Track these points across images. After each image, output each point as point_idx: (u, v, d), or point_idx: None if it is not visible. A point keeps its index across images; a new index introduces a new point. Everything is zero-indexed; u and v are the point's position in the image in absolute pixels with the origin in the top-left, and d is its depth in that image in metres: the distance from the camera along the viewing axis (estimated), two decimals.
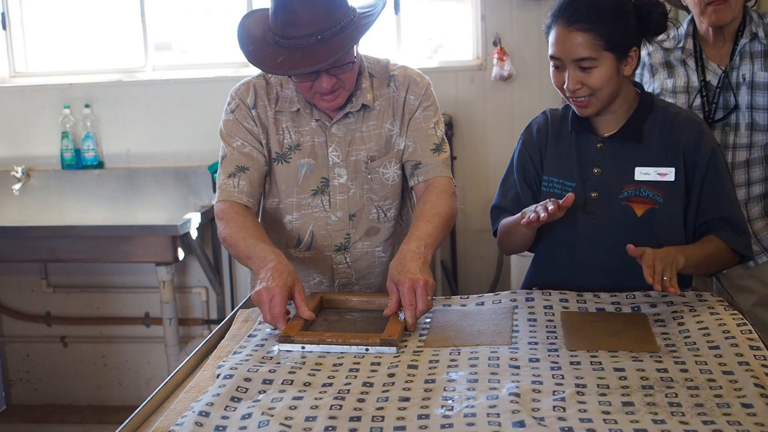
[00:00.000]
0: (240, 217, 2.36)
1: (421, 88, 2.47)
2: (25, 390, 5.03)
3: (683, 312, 2.09)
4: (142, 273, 4.67)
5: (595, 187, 2.31)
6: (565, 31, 2.18)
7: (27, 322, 4.91)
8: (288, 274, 2.13)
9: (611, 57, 2.18)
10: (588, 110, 2.26)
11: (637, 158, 2.28)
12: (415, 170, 2.45)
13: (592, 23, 2.16)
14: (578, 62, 2.18)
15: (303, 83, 2.31)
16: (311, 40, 2.18)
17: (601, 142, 2.31)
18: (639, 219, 2.27)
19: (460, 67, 4.48)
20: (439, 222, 2.32)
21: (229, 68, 4.67)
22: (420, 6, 4.65)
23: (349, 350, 1.96)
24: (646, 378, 1.73)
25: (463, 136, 4.43)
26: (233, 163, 2.42)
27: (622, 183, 2.29)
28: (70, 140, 4.66)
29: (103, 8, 4.85)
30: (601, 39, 2.16)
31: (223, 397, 1.71)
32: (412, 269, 2.12)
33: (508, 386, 1.70)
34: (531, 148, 2.42)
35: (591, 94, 2.22)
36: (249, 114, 2.44)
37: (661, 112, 2.32)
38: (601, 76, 2.19)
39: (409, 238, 2.27)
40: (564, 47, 2.19)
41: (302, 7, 2.17)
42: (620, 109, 2.30)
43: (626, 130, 2.30)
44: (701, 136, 2.27)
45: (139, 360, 4.91)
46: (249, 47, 2.29)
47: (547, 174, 2.38)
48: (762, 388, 1.64)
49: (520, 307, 2.19)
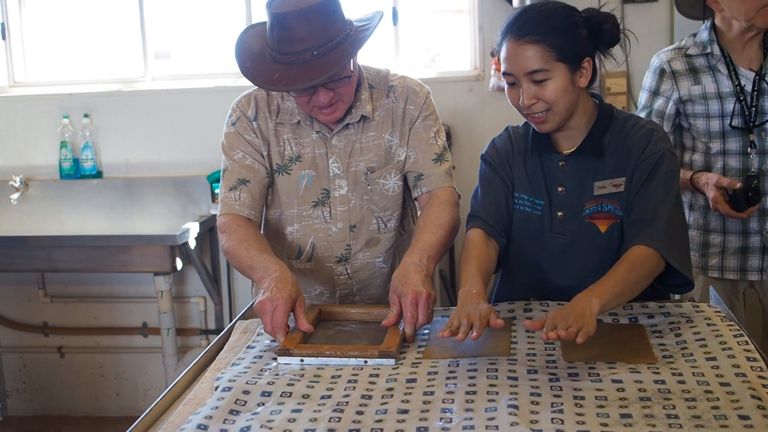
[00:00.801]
0: (242, 229, 2.36)
1: (421, 98, 2.48)
2: (22, 401, 5.02)
3: (680, 323, 2.09)
4: (140, 283, 4.67)
5: (560, 207, 2.27)
6: (515, 45, 2.14)
7: (24, 332, 4.91)
8: (292, 285, 2.13)
9: (564, 68, 2.14)
10: (547, 125, 2.21)
11: (596, 173, 2.24)
12: (418, 181, 2.47)
13: (542, 34, 2.12)
14: (531, 75, 2.14)
15: (301, 97, 2.32)
16: (307, 55, 2.19)
17: (562, 160, 2.27)
18: (604, 235, 2.24)
19: (458, 77, 4.49)
20: (442, 233, 2.33)
21: (228, 78, 4.67)
22: (418, 17, 4.66)
23: (347, 362, 1.96)
24: (644, 390, 1.73)
25: (461, 147, 4.44)
26: (234, 176, 2.43)
27: (584, 200, 2.25)
28: (69, 150, 4.66)
29: (103, 18, 4.86)
30: (551, 50, 2.12)
31: (221, 410, 1.71)
32: (415, 282, 2.13)
33: (506, 398, 1.70)
34: (500, 164, 2.35)
35: (547, 109, 2.17)
36: (250, 126, 2.45)
37: (619, 125, 2.26)
38: (555, 89, 2.14)
39: (411, 249, 2.28)
40: (515, 61, 2.15)
41: (298, 22, 2.18)
42: (579, 124, 2.25)
43: (586, 146, 2.25)
44: (649, 142, 2.20)
45: (137, 370, 4.90)
46: (246, 63, 2.30)
47: (518, 191, 2.33)
48: (759, 400, 1.64)
49: (519, 318, 2.20)
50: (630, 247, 2.11)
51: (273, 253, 2.30)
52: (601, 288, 1.99)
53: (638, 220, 2.17)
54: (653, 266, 2.10)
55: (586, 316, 1.88)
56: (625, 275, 2.04)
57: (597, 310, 1.91)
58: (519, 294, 2.36)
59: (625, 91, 4.30)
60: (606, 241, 2.24)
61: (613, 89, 4.30)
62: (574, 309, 1.90)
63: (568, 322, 1.85)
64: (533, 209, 2.30)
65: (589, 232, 2.25)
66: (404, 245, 2.54)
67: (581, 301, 1.93)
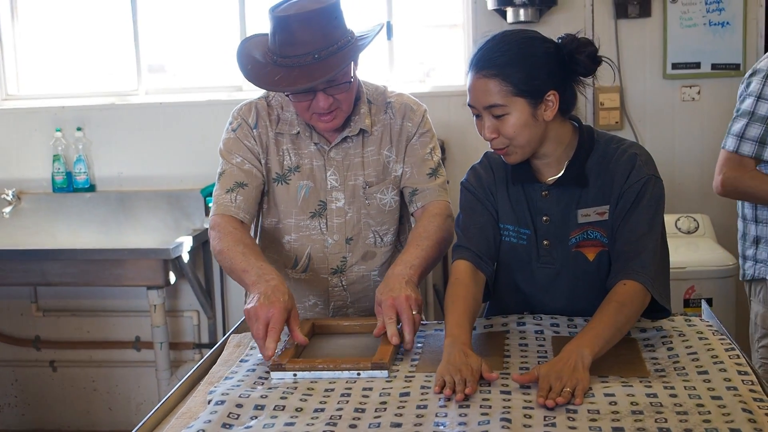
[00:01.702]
0: (237, 232, 2.36)
1: (418, 115, 2.50)
2: (14, 415, 4.99)
3: (672, 337, 2.10)
4: (133, 297, 4.66)
5: (545, 236, 2.24)
6: (475, 77, 2.10)
7: (16, 346, 4.89)
8: (288, 296, 2.12)
9: (524, 102, 2.06)
10: (511, 158, 2.16)
11: (579, 201, 2.20)
12: (413, 197, 2.49)
13: (499, 68, 2.06)
14: (489, 110, 2.08)
15: (301, 103, 2.33)
16: (308, 58, 2.23)
17: (545, 190, 2.23)
18: (592, 264, 2.20)
19: (452, 91, 4.49)
20: (428, 244, 2.34)
21: (222, 92, 4.69)
22: (412, 31, 4.68)
23: (340, 375, 1.96)
24: (636, 403, 1.73)
25: (455, 161, 4.45)
26: (232, 179, 2.43)
27: (569, 229, 2.21)
28: (62, 163, 4.66)
29: (96, 31, 4.88)
30: (508, 84, 2.05)
31: (214, 423, 1.71)
32: (394, 288, 2.16)
33: (499, 412, 1.70)
34: (483, 194, 2.30)
35: (508, 144, 2.12)
36: (250, 133, 2.47)
37: (601, 148, 2.20)
38: (514, 124, 2.08)
39: (396, 262, 2.31)
40: (475, 94, 2.10)
41: (300, 27, 2.22)
42: (556, 152, 2.19)
43: (569, 176, 2.19)
44: (633, 168, 2.14)
45: (130, 384, 4.89)
46: (248, 66, 2.33)
47: (503, 221, 2.29)
48: (750, 413, 1.65)
49: (511, 332, 2.20)
50: (616, 283, 2.07)
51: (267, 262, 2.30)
52: (590, 336, 1.94)
53: (624, 252, 2.11)
54: (640, 302, 2.06)
55: (579, 371, 1.82)
56: (614, 318, 1.99)
57: (589, 361, 1.86)
58: None
59: (618, 106, 4.31)
60: (595, 269, 2.20)
61: (606, 104, 4.32)
62: (566, 364, 1.84)
63: (562, 381, 1.79)
64: (519, 239, 2.27)
65: (576, 261, 2.21)
66: None
67: (572, 354, 1.87)
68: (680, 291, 3.69)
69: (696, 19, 4.27)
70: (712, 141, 4.33)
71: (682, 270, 3.70)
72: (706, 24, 4.27)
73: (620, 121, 4.31)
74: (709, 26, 4.27)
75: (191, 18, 4.84)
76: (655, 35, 4.31)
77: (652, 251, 2.10)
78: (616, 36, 4.29)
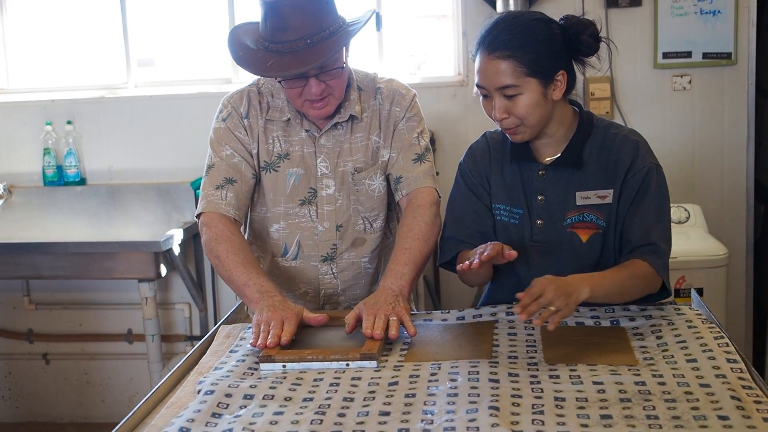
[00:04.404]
0: (235, 237, 2.37)
1: (407, 100, 2.50)
2: (7, 407, 5.00)
3: (661, 325, 2.10)
4: (124, 289, 4.66)
5: (540, 215, 2.27)
6: (487, 59, 2.13)
7: (9, 339, 4.89)
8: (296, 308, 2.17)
9: (536, 83, 2.12)
10: (519, 137, 2.21)
11: (578, 183, 2.24)
12: (398, 185, 2.48)
13: (512, 50, 2.10)
14: (502, 90, 2.13)
15: (293, 89, 2.33)
16: (300, 44, 2.23)
17: (542, 169, 2.27)
18: (585, 245, 2.25)
19: (442, 83, 4.50)
20: (415, 245, 2.37)
21: (212, 84, 4.68)
22: (402, 22, 4.67)
23: (329, 366, 1.96)
24: (625, 391, 1.74)
25: (445, 152, 4.45)
26: (221, 174, 2.43)
27: (566, 209, 2.25)
28: (52, 157, 4.65)
29: (85, 25, 4.86)
30: (522, 65, 2.10)
31: (204, 413, 1.71)
32: (379, 302, 2.17)
33: (487, 400, 1.71)
34: (477, 176, 2.37)
35: (519, 123, 2.17)
36: (240, 123, 2.46)
37: (601, 133, 2.25)
38: (526, 104, 2.13)
39: (386, 272, 2.33)
40: (486, 76, 2.14)
41: (291, 12, 2.22)
42: (557, 133, 2.25)
43: (566, 158, 2.24)
44: (637, 155, 2.20)
45: (122, 377, 4.89)
46: (239, 53, 2.33)
47: (495, 201, 2.34)
48: (738, 401, 1.65)
49: (501, 321, 2.21)
50: (632, 259, 2.15)
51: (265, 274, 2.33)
52: (598, 280, 2.04)
53: (637, 239, 2.18)
54: (649, 284, 2.17)
55: (571, 301, 1.92)
56: (624, 280, 2.11)
57: (584, 298, 1.96)
58: (505, 301, 2.35)
59: (609, 96, 4.31)
60: (586, 251, 2.25)
61: (597, 94, 4.32)
62: (567, 287, 1.93)
63: (557, 294, 1.89)
64: (510, 218, 2.31)
65: (570, 242, 2.25)
66: (389, 246, 2.58)
67: (575, 283, 1.97)
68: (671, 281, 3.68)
69: (687, 7, 4.26)
70: (704, 130, 4.34)
71: (673, 260, 3.62)
72: (697, 13, 4.26)
73: (611, 111, 4.31)
74: (700, 15, 4.26)
75: (180, 11, 4.83)
76: (646, 24, 4.31)
77: (664, 241, 2.20)
78: (606, 25, 4.28)
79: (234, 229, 2.39)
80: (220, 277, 4.61)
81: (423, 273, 4.33)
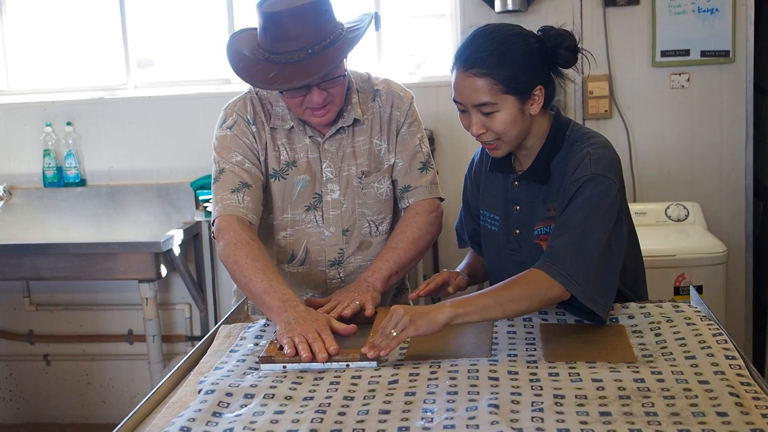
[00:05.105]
0: (254, 243, 2.32)
1: (406, 103, 2.51)
2: (8, 409, 5.00)
3: (660, 323, 2.11)
4: (125, 290, 4.67)
5: (517, 225, 2.29)
6: (463, 75, 2.10)
7: (9, 340, 4.90)
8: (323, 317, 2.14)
9: (513, 100, 2.09)
10: (498, 152, 2.20)
11: (545, 195, 2.22)
12: (404, 193, 2.52)
13: (489, 68, 2.06)
14: (479, 107, 2.10)
15: (294, 98, 2.31)
16: (302, 54, 2.21)
17: (516, 180, 2.27)
18: None
19: (442, 82, 4.49)
20: (402, 246, 2.42)
21: (211, 85, 4.68)
22: (401, 22, 4.68)
23: (330, 366, 1.97)
24: (624, 388, 1.74)
25: (444, 151, 4.45)
26: (236, 179, 2.39)
27: (535, 221, 2.24)
28: (52, 158, 4.66)
29: (85, 26, 4.86)
30: (499, 83, 2.07)
31: (204, 412, 1.72)
32: (350, 290, 2.28)
33: (487, 398, 1.71)
34: (471, 182, 2.47)
35: (497, 138, 2.15)
36: (248, 129, 2.44)
37: (568, 146, 2.21)
38: (503, 121, 2.11)
39: (367, 267, 2.42)
40: (463, 92, 2.11)
41: (291, 22, 2.19)
42: (534, 145, 2.23)
43: (532, 172, 2.23)
44: (579, 166, 2.12)
45: (123, 377, 4.90)
46: (239, 64, 2.30)
47: (482, 207, 2.39)
48: (737, 397, 1.66)
49: (499, 321, 2.21)
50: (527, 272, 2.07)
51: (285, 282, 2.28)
52: (463, 298, 1.99)
53: (558, 245, 2.06)
54: (540, 289, 2.02)
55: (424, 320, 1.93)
56: (498, 290, 2.02)
57: (444, 317, 1.94)
58: None
59: (608, 94, 4.31)
60: None
61: (595, 93, 4.32)
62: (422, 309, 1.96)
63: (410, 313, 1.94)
64: (492, 225, 2.36)
65: (537, 253, 2.21)
66: None
67: (435, 306, 1.97)
68: (670, 279, 3.70)
69: (685, 6, 4.26)
70: (702, 128, 4.35)
71: (673, 258, 3.71)
72: (695, 11, 4.27)
73: (609, 110, 4.31)
74: (698, 13, 4.27)
75: (179, 12, 4.83)
76: (644, 23, 4.31)
77: (570, 246, 2.04)
78: (604, 24, 4.28)
79: (252, 234, 2.35)
80: (219, 278, 4.65)
81: (423, 272, 4.35)
